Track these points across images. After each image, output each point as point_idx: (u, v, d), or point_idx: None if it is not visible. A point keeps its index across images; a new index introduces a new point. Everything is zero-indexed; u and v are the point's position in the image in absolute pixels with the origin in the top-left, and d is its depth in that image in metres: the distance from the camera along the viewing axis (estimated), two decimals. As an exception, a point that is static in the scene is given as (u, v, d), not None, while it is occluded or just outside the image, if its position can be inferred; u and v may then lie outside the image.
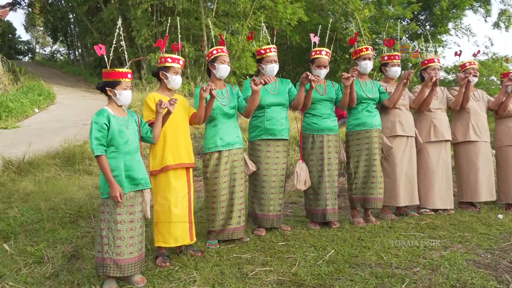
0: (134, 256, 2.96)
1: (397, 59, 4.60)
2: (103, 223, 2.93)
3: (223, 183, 3.75)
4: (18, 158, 6.04)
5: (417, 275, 2.92)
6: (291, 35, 17.74)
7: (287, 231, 4.09)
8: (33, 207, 4.46)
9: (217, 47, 3.82)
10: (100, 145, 2.90)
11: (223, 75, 3.81)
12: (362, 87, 4.41)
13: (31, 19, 30.13)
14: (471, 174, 4.81)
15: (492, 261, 3.15)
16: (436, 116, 4.73)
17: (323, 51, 4.25)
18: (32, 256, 3.45)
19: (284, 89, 4.18)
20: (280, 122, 4.07)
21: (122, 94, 3.01)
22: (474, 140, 4.81)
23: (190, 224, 3.50)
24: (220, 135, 3.76)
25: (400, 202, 4.49)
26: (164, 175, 3.40)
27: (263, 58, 4.08)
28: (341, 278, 2.92)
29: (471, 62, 4.98)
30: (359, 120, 4.39)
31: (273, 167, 4.05)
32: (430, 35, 19.93)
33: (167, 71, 3.46)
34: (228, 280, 2.98)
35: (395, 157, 4.48)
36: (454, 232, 3.90)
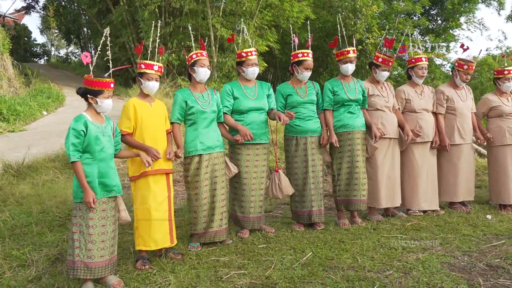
0: (105, 259, 3.02)
1: (390, 65, 4.55)
2: (75, 227, 2.99)
3: (204, 187, 3.79)
4: (18, 161, 6.18)
5: (389, 278, 2.92)
6: (299, 33, 17.68)
7: (270, 233, 4.11)
8: (24, 210, 4.57)
9: (196, 51, 3.85)
10: (76, 151, 2.97)
11: (202, 78, 3.84)
12: (344, 89, 4.39)
13: (46, 22, 30.65)
14: (451, 175, 4.76)
15: (468, 264, 3.13)
16: (422, 116, 4.67)
17: (310, 54, 4.25)
18: (17, 260, 3.54)
19: (263, 94, 4.19)
20: (260, 126, 4.09)
21: (103, 103, 3.08)
22: (458, 143, 4.75)
23: (171, 227, 3.54)
24: (201, 139, 3.80)
25: (381, 204, 4.47)
26: (144, 180, 3.45)
27: (244, 61, 4.09)
28: (313, 282, 2.93)
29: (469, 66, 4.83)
30: (341, 122, 4.37)
31: (253, 170, 4.07)
32: (442, 30, 19.81)
33: (142, 77, 3.50)
34: (202, 283, 3.02)
35: (377, 159, 4.46)
36: (437, 233, 3.87)
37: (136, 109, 3.46)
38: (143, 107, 3.50)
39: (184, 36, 15.21)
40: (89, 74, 3.07)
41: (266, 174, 4.20)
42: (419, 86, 4.78)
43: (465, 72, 4.79)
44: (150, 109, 3.54)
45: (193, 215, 3.82)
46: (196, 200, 3.79)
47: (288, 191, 4.20)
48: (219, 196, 3.85)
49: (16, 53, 25.60)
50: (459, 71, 4.82)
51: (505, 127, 4.83)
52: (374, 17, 17.51)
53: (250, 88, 4.15)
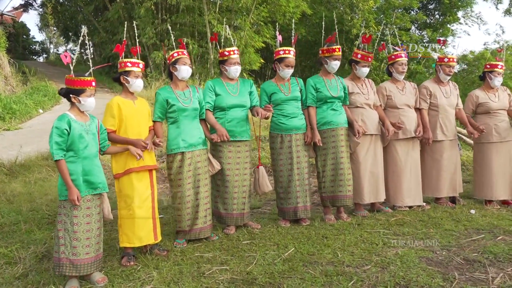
0: (90, 256, 3.08)
1: (369, 60, 4.55)
2: (60, 224, 3.05)
3: (187, 184, 3.83)
4: (10, 160, 6.24)
5: (366, 273, 2.97)
6: (296, 29, 17.67)
7: (256, 229, 4.16)
8: (14, 208, 4.64)
9: (177, 50, 3.89)
10: (60, 150, 3.02)
11: (184, 76, 3.88)
12: (326, 86, 4.42)
13: (44, 19, 30.66)
14: (434, 170, 4.81)
15: (445, 258, 3.18)
16: (404, 113, 4.70)
17: (292, 51, 4.28)
18: (4, 257, 3.60)
19: (245, 91, 4.23)
20: (241, 124, 4.14)
21: (86, 101, 3.12)
22: (440, 139, 4.78)
23: (154, 224, 3.59)
24: (183, 136, 3.84)
25: (364, 199, 4.51)
26: (127, 178, 3.50)
27: (226, 60, 4.13)
28: (292, 277, 2.98)
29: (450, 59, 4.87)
30: (324, 119, 4.40)
31: (235, 167, 4.12)
32: (439, 25, 19.76)
33: (127, 75, 3.54)
34: (184, 279, 3.08)
35: (359, 155, 4.50)
36: (420, 228, 3.92)
37: (121, 107, 3.51)
38: (127, 105, 3.55)
39: (180, 32, 15.23)
40: (70, 74, 3.11)
41: (249, 171, 4.24)
42: (400, 82, 4.81)
43: (447, 65, 4.82)
44: (134, 107, 3.59)
45: (177, 213, 3.87)
46: (179, 198, 3.84)
47: (264, 188, 4.26)
48: (203, 193, 3.89)
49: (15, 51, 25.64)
50: (441, 66, 4.85)
51: (492, 124, 4.85)
52: (371, 12, 17.51)
53: (232, 85, 4.19)
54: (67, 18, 24.38)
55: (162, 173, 6.37)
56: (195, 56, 15.31)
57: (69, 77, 3.11)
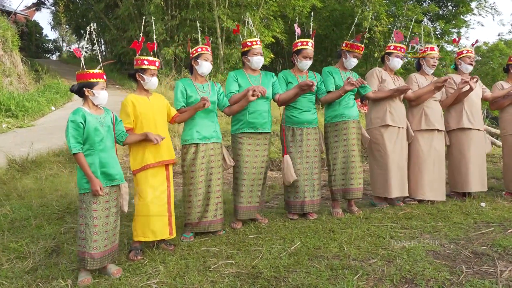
0: (108, 248, 3.13)
1: (402, 51, 4.56)
2: (81, 219, 3.09)
3: (200, 177, 3.84)
4: (22, 156, 6.32)
5: (372, 267, 2.95)
6: (306, 23, 17.57)
7: (263, 224, 4.16)
8: (25, 204, 4.70)
9: (202, 45, 3.93)
10: (77, 143, 3.05)
11: (204, 71, 3.91)
12: (342, 78, 4.40)
13: (57, 18, 30.96)
14: (462, 165, 4.73)
15: (453, 252, 3.13)
16: (428, 104, 4.65)
17: (309, 42, 4.26)
18: (15, 252, 3.65)
19: (268, 82, 4.22)
20: (263, 116, 4.13)
21: (100, 94, 3.15)
22: (467, 127, 4.71)
23: (170, 219, 3.62)
24: (197, 128, 3.85)
25: (392, 193, 4.46)
26: (144, 173, 3.53)
27: (249, 50, 4.12)
28: (297, 271, 2.98)
29: (468, 50, 4.84)
30: (336, 111, 4.38)
31: (253, 160, 4.12)
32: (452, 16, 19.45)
33: (143, 73, 3.54)
34: (190, 273, 3.09)
35: (387, 148, 4.46)
36: (428, 222, 3.88)
37: (135, 105, 3.53)
38: (141, 102, 3.57)
39: (190, 28, 15.25)
40: (79, 71, 3.16)
41: (266, 164, 4.23)
42: (429, 76, 4.77)
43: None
44: (149, 102, 3.60)
45: (188, 205, 3.89)
46: (190, 190, 3.85)
47: (288, 177, 4.20)
48: (215, 187, 3.89)
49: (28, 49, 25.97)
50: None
51: None
52: (382, 4, 17.28)
53: (254, 77, 4.19)
54: (79, 16, 24.58)
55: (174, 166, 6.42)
56: (206, 51, 15.30)
57: (81, 72, 3.15)
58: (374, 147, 4.51)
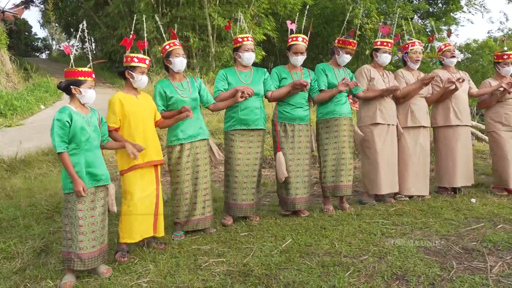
0: (96, 249, 3.08)
1: (389, 46, 4.55)
2: (66, 219, 3.04)
3: (186, 175, 3.81)
4: (10, 156, 6.25)
5: (363, 263, 2.94)
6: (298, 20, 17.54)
7: (254, 221, 4.14)
8: (14, 204, 4.64)
9: (169, 42, 3.84)
10: (62, 142, 2.98)
11: (180, 68, 3.83)
12: (336, 75, 4.39)
13: (46, 16, 30.63)
14: (449, 159, 4.75)
15: (444, 248, 3.14)
16: (414, 101, 4.67)
17: (299, 37, 4.23)
18: (2, 252, 3.60)
19: (259, 79, 4.19)
20: (254, 112, 4.09)
21: (87, 92, 3.09)
22: (454, 124, 4.73)
23: (155, 218, 3.55)
24: (182, 128, 3.81)
25: (382, 190, 4.47)
26: (132, 174, 3.46)
27: (240, 46, 4.08)
28: (289, 268, 2.96)
29: (446, 44, 4.88)
30: (328, 108, 4.38)
31: (245, 157, 4.09)
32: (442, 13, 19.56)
33: (133, 71, 3.47)
34: (181, 271, 3.06)
35: (376, 145, 4.46)
36: (419, 218, 3.89)
37: (123, 103, 3.44)
38: (130, 101, 3.49)
39: (181, 26, 15.16)
40: (68, 68, 3.10)
41: (260, 161, 4.20)
42: (415, 71, 4.78)
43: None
44: (137, 101, 3.53)
45: (175, 203, 3.87)
46: (177, 189, 3.83)
47: (279, 174, 4.18)
48: (202, 185, 3.87)
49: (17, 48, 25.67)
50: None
51: (502, 113, 4.81)
52: (373, 2, 17.31)
53: (245, 74, 4.16)
54: (68, 14, 24.37)
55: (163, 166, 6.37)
56: (196, 50, 15.25)
57: (69, 69, 3.09)
58: (364, 145, 4.52)
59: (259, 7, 15.53)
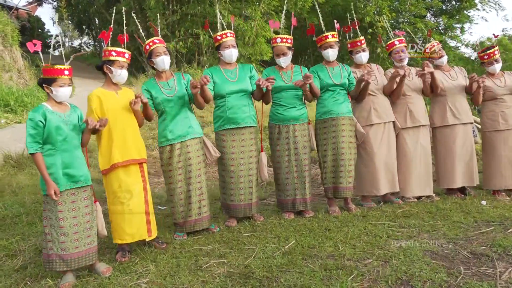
0: (80, 250, 3.01)
1: (360, 45, 4.41)
2: (45, 221, 2.96)
3: (178, 176, 3.74)
4: (18, 152, 6.26)
5: (367, 267, 2.86)
6: (308, 18, 17.40)
7: (258, 221, 4.07)
8: (18, 200, 4.64)
9: (149, 40, 3.74)
10: (35, 143, 2.89)
11: (162, 67, 3.73)
12: (329, 73, 4.29)
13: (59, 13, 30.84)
14: (448, 160, 4.62)
15: (451, 252, 3.04)
16: (411, 100, 4.54)
17: (278, 38, 4.11)
18: (5, 250, 3.60)
19: (245, 75, 4.10)
20: (242, 110, 4.01)
21: (58, 91, 3.00)
22: (452, 123, 4.59)
23: (148, 220, 3.45)
24: (170, 128, 3.74)
25: (381, 190, 4.37)
26: (114, 173, 3.35)
27: (221, 44, 4.01)
28: (290, 271, 2.89)
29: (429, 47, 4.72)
30: (325, 108, 4.28)
31: (239, 156, 4.01)
32: (456, 11, 19.23)
33: (111, 65, 3.37)
34: (181, 272, 3.02)
35: (373, 145, 4.35)
36: (427, 220, 3.78)
37: (101, 100, 3.34)
38: (108, 97, 3.39)
39: (191, 23, 15.13)
40: (47, 64, 3.01)
41: (255, 159, 4.11)
42: (406, 68, 4.63)
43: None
44: (116, 97, 3.43)
45: (171, 204, 3.82)
46: (171, 190, 3.77)
47: (261, 175, 4.14)
48: (195, 185, 3.78)
49: (32, 44, 25.85)
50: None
51: (498, 111, 4.67)
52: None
53: (230, 71, 4.07)
54: (81, 11, 24.52)
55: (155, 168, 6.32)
56: (206, 47, 15.21)
57: (44, 66, 3.01)
58: (359, 146, 4.40)
59: (269, 4, 15.43)
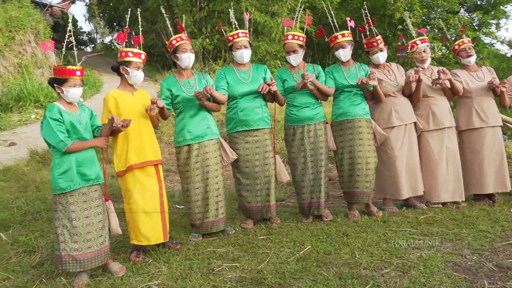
0: (93, 250, 3.00)
1: (376, 45, 4.23)
2: (57, 221, 2.95)
3: (196, 176, 3.69)
4: (44, 148, 6.39)
5: (384, 277, 2.74)
6: (336, 14, 17.10)
7: (275, 224, 3.99)
8: (40, 196, 4.72)
9: (176, 36, 3.70)
10: (66, 137, 2.91)
11: (187, 64, 3.70)
12: (344, 74, 4.15)
13: (91, 10, 31.54)
14: (475, 164, 4.39)
15: (475, 264, 2.87)
16: (434, 102, 4.33)
17: (289, 35, 4.00)
18: (24, 246, 3.65)
19: (258, 76, 4.01)
20: (255, 112, 3.93)
21: (69, 92, 3.00)
22: (478, 127, 4.37)
23: (164, 222, 3.42)
24: (189, 128, 3.70)
25: (402, 194, 4.20)
26: (131, 175, 3.34)
27: (232, 45, 3.92)
28: (303, 278, 2.80)
29: (459, 43, 4.49)
30: (341, 109, 4.15)
31: (254, 158, 3.94)
32: (491, 6, 18.51)
33: (128, 66, 3.36)
34: (193, 275, 2.97)
35: (394, 148, 4.19)
36: (451, 228, 3.60)
37: (117, 101, 3.33)
38: (124, 98, 3.38)
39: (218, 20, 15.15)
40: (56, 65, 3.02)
41: (272, 160, 4.01)
42: (427, 69, 4.43)
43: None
44: (132, 99, 3.42)
45: (187, 205, 3.76)
46: (188, 190, 3.72)
47: (281, 177, 4.04)
48: (213, 186, 3.72)
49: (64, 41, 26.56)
50: None
51: None
52: (417, -6, 16.60)
53: (243, 72, 3.99)
54: (111, 9, 24.96)
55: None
56: (231, 44, 15.19)
57: (55, 66, 3.02)
58: (380, 148, 4.24)
59: (296, 0, 15.26)
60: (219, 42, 14.96)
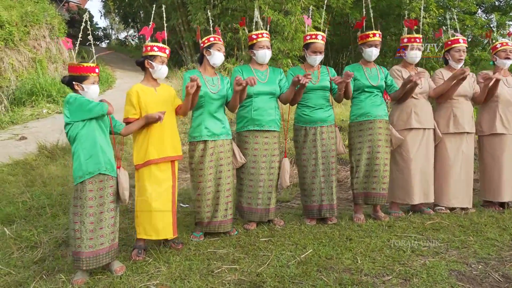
0: (105, 246, 3.00)
1: (418, 42, 4.18)
2: (76, 217, 2.94)
3: (209, 175, 3.67)
4: (52, 143, 6.43)
5: (385, 285, 2.68)
6: (351, 13, 16.94)
7: (278, 226, 3.95)
8: (46, 192, 4.74)
9: (214, 35, 3.75)
10: None
11: (217, 62, 3.73)
12: (365, 75, 4.08)
13: (106, 6, 31.75)
14: (495, 171, 4.29)
15: (480, 273, 2.80)
16: (457, 104, 4.24)
17: (319, 35, 3.95)
18: (26, 241, 3.66)
19: (275, 78, 3.98)
20: (268, 113, 3.89)
21: (90, 89, 3.02)
22: (500, 132, 4.27)
23: (174, 217, 3.45)
24: (206, 124, 3.68)
25: (414, 199, 4.12)
26: (147, 169, 3.37)
27: (255, 44, 3.89)
28: (303, 283, 2.76)
29: (503, 43, 4.39)
30: (362, 110, 4.08)
31: (261, 160, 3.89)
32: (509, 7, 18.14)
33: (153, 60, 3.39)
34: (192, 276, 2.95)
35: (409, 151, 4.11)
36: (458, 235, 3.52)
37: (139, 95, 3.37)
38: (147, 93, 3.41)
39: (231, 18, 15.11)
40: (71, 62, 3.03)
41: (277, 164, 3.98)
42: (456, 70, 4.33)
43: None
44: (155, 93, 3.45)
45: (197, 204, 3.74)
46: (199, 189, 3.69)
47: (282, 182, 4.00)
48: (224, 186, 3.72)
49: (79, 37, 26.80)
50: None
51: None
52: (432, -6, 16.34)
53: (261, 72, 3.96)
54: (126, 5, 25.10)
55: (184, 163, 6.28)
56: (245, 42, 15.14)
57: (72, 63, 3.03)
58: (395, 150, 4.16)
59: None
60: (232, 40, 14.92)
